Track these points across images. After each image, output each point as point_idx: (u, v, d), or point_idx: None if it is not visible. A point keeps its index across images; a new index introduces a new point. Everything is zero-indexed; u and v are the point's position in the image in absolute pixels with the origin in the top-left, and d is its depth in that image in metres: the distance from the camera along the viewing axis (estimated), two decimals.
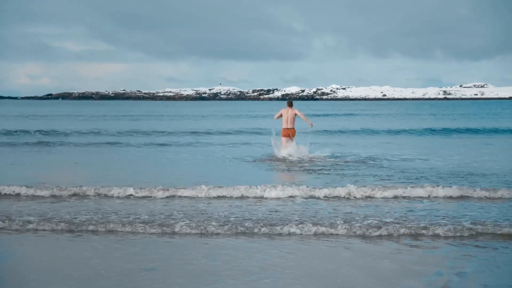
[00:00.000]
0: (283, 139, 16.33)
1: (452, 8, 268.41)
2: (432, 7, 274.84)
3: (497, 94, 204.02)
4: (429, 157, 16.50)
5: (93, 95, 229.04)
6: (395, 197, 9.91)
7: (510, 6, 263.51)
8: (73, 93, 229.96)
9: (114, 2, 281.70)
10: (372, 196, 9.93)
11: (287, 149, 16.02)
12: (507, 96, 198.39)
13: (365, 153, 17.48)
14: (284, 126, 16.28)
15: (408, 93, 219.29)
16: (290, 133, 16.20)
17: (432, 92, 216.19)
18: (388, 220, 8.11)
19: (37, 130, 28.62)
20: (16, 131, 27.95)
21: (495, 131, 30.70)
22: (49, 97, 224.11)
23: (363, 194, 9.94)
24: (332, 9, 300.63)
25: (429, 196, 9.99)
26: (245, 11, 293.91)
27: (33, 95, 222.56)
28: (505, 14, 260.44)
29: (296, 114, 16.23)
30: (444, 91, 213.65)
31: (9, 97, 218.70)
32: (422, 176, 12.23)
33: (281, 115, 16.42)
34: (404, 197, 9.91)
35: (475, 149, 19.86)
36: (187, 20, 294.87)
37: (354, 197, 9.91)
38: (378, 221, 8.03)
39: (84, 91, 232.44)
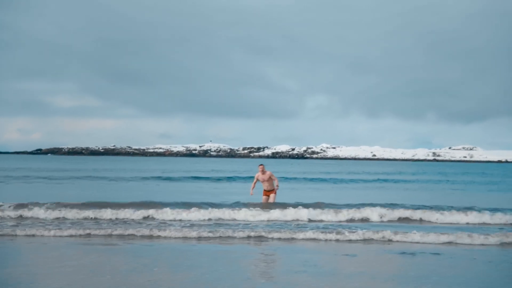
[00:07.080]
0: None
1: (444, 71, 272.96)
2: (425, 69, 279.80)
3: (486, 157, 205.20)
4: None
5: (83, 151, 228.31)
6: None
7: (498, 72, 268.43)
8: (62, 148, 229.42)
9: (106, 59, 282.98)
10: None
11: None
12: (495, 159, 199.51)
13: None
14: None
15: (397, 153, 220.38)
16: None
17: (422, 153, 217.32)
18: None
19: None
20: None
21: None
22: (38, 152, 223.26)
23: None
24: (326, 69, 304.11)
25: None
26: (237, 70, 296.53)
27: (23, 150, 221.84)
28: (494, 79, 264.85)
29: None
30: (434, 153, 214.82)
31: None
32: None
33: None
34: None
35: None
36: (179, 77, 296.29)
37: None
38: None
39: (74, 146, 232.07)
